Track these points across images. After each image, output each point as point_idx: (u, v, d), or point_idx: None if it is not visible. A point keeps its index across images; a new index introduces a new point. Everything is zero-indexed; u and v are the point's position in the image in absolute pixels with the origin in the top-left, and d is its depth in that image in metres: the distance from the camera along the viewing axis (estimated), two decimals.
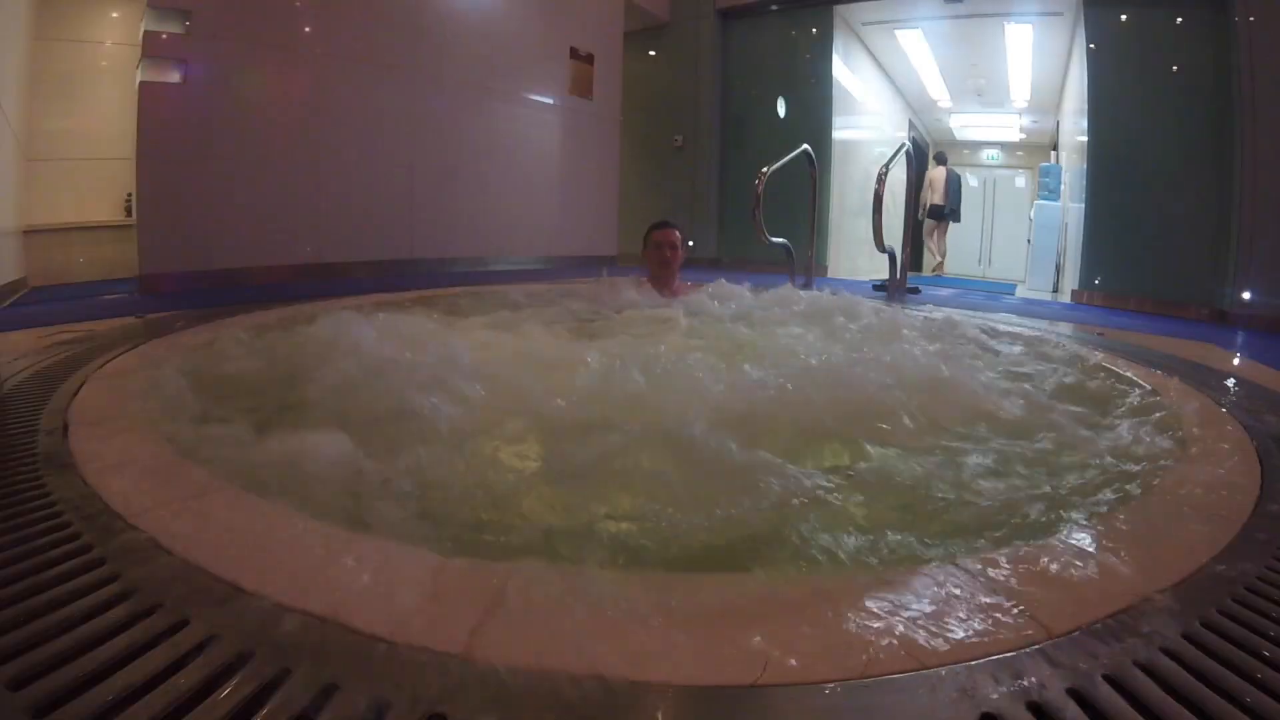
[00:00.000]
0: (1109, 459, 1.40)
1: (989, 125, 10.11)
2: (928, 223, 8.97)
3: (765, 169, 4.26)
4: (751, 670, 0.65)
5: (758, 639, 0.69)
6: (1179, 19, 4.48)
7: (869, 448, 1.41)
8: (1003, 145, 10.66)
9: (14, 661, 0.64)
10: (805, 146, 4.67)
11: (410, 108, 4.90)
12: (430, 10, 5.01)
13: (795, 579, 0.87)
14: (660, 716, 0.60)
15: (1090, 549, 0.93)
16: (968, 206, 10.68)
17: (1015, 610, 0.76)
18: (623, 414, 1.43)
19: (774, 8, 6.86)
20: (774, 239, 4.33)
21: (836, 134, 6.83)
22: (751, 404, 1.54)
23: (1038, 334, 2.97)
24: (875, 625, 0.72)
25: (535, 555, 0.98)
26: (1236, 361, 2.68)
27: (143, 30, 3.57)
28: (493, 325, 2.62)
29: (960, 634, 0.71)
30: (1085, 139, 5.12)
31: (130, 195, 4.75)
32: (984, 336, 2.82)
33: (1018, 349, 2.66)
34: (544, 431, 1.46)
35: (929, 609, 0.76)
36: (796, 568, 0.97)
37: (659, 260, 2.90)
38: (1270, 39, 3.92)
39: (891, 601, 0.77)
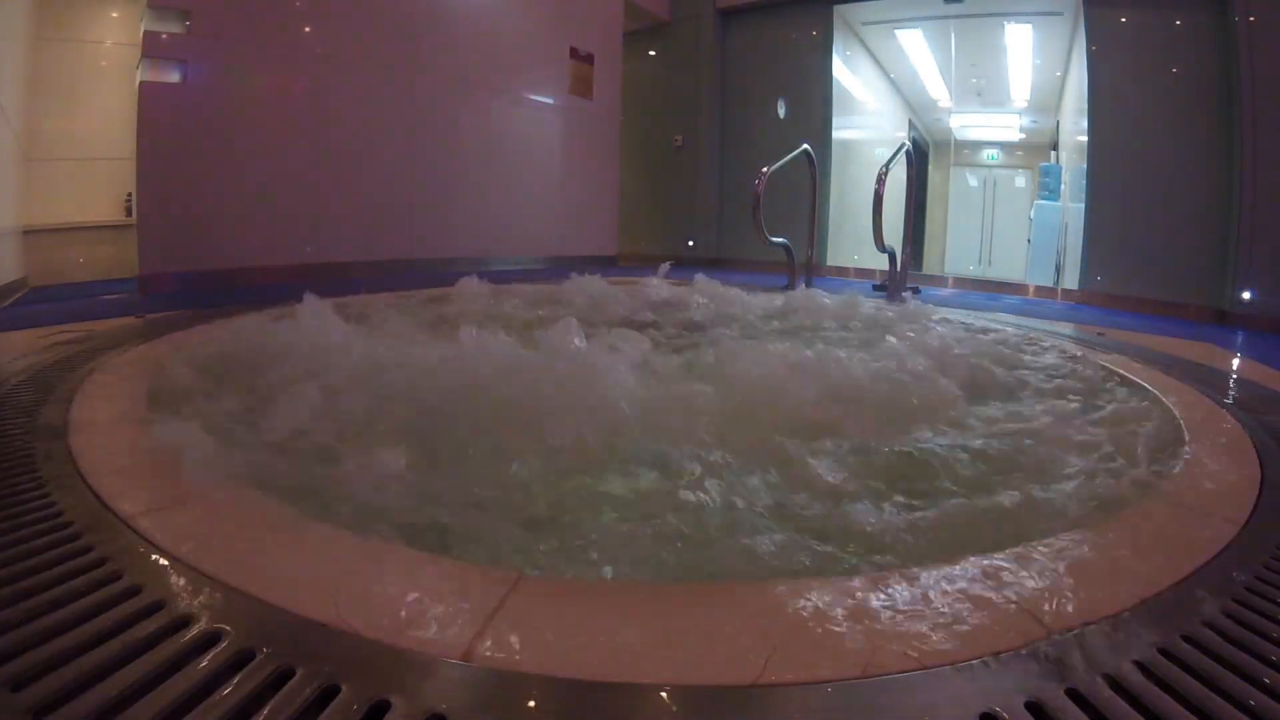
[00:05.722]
0: (1108, 459, 1.40)
1: (989, 125, 10.09)
2: None
3: (765, 169, 4.26)
4: (751, 670, 0.65)
5: (757, 639, 0.69)
6: (1179, 20, 4.48)
7: None
8: (1003, 145, 10.64)
9: (14, 661, 0.64)
10: (805, 146, 4.67)
11: (410, 108, 4.90)
12: (430, 11, 5.00)
13: (795, 579, 0.87)
14: (661, 717, 0.60)
15: (1090, 549, 0.93)
16: (968, 206, 10.69)
17: (1015, 610, 0.76)
18: None
19: (774, 8, 6.86)
20: (774, 239, 4.33)
21: (836, 134, 6.82)
22: None
23: (1038, 333, 2.97)
24: (875, 625, 0.72)
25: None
26: (1236, 361, 2.68)
27: (143, 30, 3.56)
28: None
29: (960, 633, 0.72)
30: (1085, 139, 5.12)
31: (130, 195, 4.75)
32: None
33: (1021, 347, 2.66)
34: None
35: (929, 608, 0.76)
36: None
37: None
38: (1270, 39, 3.92)
39: (891, 601, 0.77)
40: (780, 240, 4.43)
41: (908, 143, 4.81)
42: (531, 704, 0.60)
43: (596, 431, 1.31)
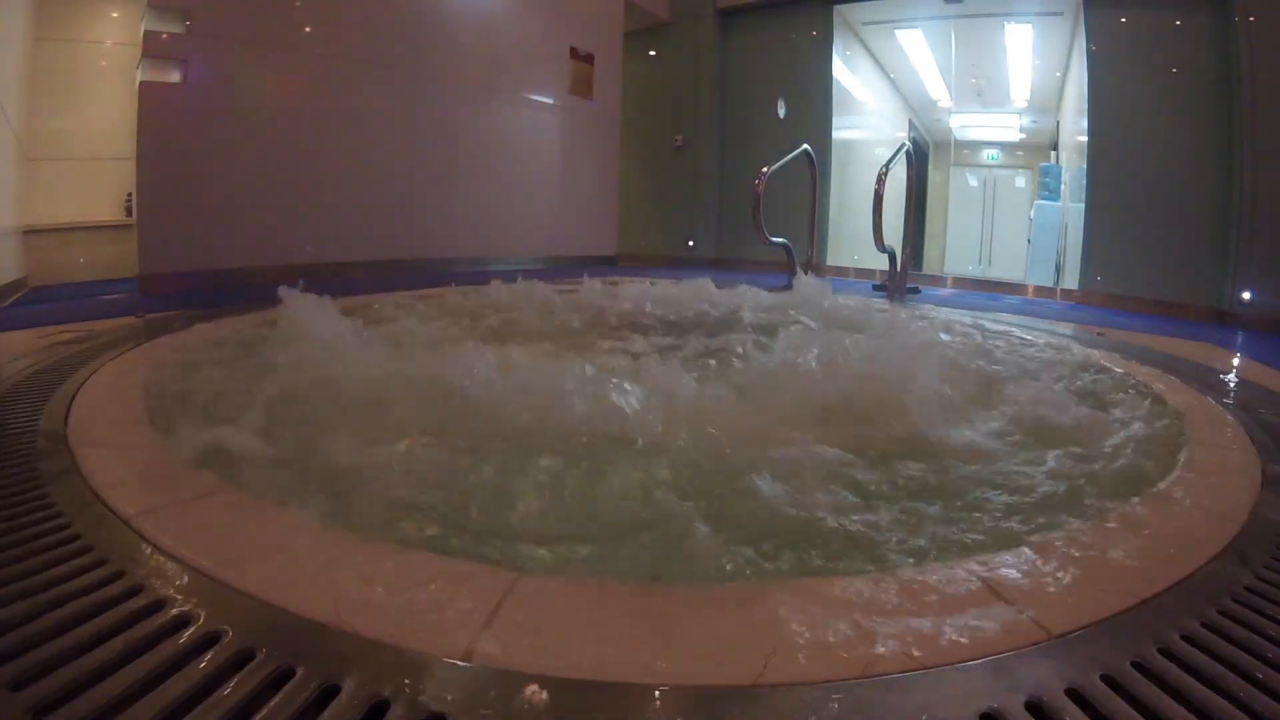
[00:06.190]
0: (1108, 459, 1.40)
1: (989, 125, 10.10)
2: None
3: (765, 169, 4.26)
4: (752, 670, 0.65)
5: (757, 639, 0.69)
6: (1179, 19, 4.48)
7: None
8: (1003, 145, 10.64)
9: (14, 662, 0.64)
10: (805, 146, 4.67)
11: (410, 108, 4.90)
12: (430, 10, 5.00)
13: (795, 579, 0.87)
14: (661, 717, 0.60)
15: (1089, 550, 0.93)
16: (968, 206, 10.68)
17: (1015, 611, 0.76)
18: None
19: (774, 8, 6.86)
20: (774, 239, 4.33)
21: (836, 134, 6.82)
22: None
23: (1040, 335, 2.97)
24: (876, 625, 0.72)
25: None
26: (1236, 361, 2.68)
27: (143, 30, 3.57)
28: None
29: (960, 634, 0.72)
30: (1085, 139, 5.12)
31: (130, 195, 4.75)
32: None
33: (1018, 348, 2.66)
34: None
35: (929, 609, 0.76)
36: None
37: None
38: (1270, 39, 3.92)
39: (892, 601, 0.77)
40: (780, 240, 4.44)
41: (908, 143, 4.81)
42: (531, 704, 0.60)
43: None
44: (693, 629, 0.72)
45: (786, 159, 4.53)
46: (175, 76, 3.66)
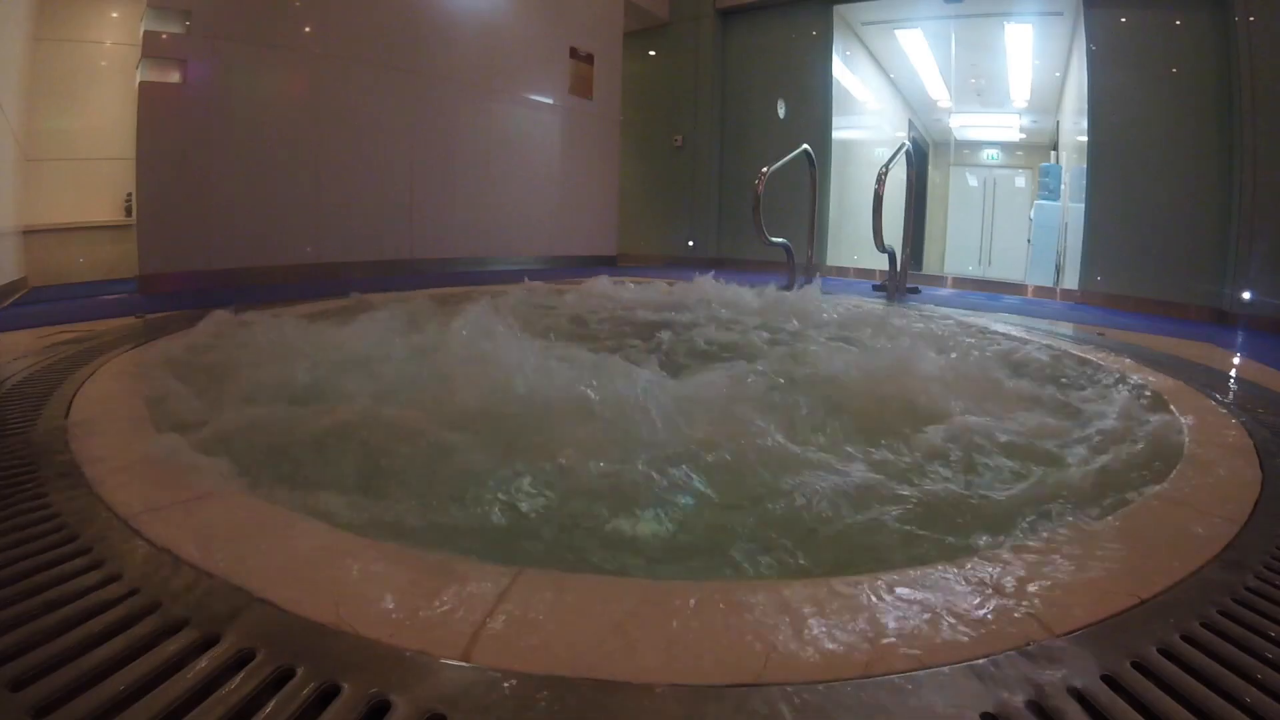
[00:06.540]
0: (1109, 459, 1.40)
1: (989, 125, 10.10)
2: None
3: (765, 169, 4.26)
4: (752, 670, 0.65)
5: (758, 639, 0.69)
6: (1179, 20, 4.48)
7: None
8: (1003, 145, 10.64)
9: (14, 662, 0.64)
10: (805, 146, 4.67)
11: (410, 108, 4.90)
12: (430, 10, 5.01)
13: (795, 578, 0.87)
14: (661, 717, 0.60)
15: (1090, 549, 0.93)
16: (968, 206, 10.67)
17: (1016, 610, 0.76)
18: None
19: (774, 8, 6.86)
20: (774, 239, 4.33)
21: (836, 134, 6.82)
22: None
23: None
24: (875, 624, 0.72)
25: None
26: (1236, 361, 2.68)
27: (143, 30, 3.57)
28: None
29: (961, 633, 0.72)
30: (1085, 139, 5.12)
31: (130, 195, 4.75)
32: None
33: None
34: None
35: (929, 608, 0.76)
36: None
37: None
38: (1270, 39, 3.92)
39: (892, 601, 0.77)
40: (780, 241, 4.44)
41: (907, 143, 4.81)
42: (531, 702, 0.60)
43: None
44: (693, 626, 0.71)
45: (786, 159, 4.53)
46: (175, 76, 3.66)
